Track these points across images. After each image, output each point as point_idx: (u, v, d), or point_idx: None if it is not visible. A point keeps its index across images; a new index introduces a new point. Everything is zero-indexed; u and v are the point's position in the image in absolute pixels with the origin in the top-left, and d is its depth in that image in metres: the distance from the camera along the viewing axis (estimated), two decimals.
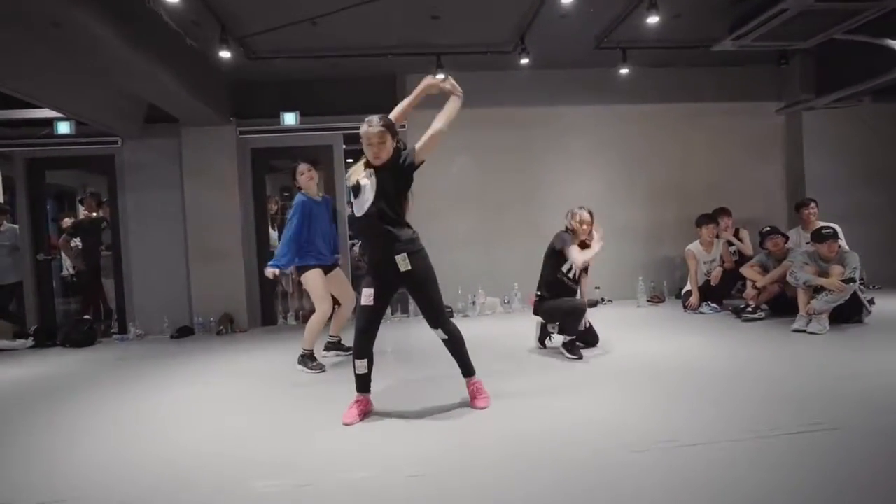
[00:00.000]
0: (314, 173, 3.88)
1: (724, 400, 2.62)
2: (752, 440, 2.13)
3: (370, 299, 2.59)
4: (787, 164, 6.35)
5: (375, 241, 2.60)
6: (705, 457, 2.02)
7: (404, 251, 2.56)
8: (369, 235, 2.64)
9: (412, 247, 2.58)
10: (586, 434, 2.31)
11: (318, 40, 4.79)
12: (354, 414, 2.61)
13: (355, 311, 2.83)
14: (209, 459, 2.28)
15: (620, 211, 6.20)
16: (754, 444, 2.10)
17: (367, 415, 2.66)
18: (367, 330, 2.62)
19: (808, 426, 2.23)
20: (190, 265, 5.68)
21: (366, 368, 2.65)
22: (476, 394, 2.74)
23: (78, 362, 4.59)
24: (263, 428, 2.65)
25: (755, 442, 2.12)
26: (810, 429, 2.20)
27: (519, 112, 5.96)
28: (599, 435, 2.29)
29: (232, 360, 4.35)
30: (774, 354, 3.52)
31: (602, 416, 2.52)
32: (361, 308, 2.62)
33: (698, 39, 5.01)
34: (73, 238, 6.19)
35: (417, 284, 2.63)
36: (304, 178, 3.83)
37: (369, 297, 2.59)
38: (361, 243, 2.72)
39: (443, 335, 2.69)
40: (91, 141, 5.57)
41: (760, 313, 4.57)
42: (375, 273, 2.63)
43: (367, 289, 2.61)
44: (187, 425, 2.77)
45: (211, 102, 5.18)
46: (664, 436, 2.22)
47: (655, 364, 3.38)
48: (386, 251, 2.56)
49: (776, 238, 4.76)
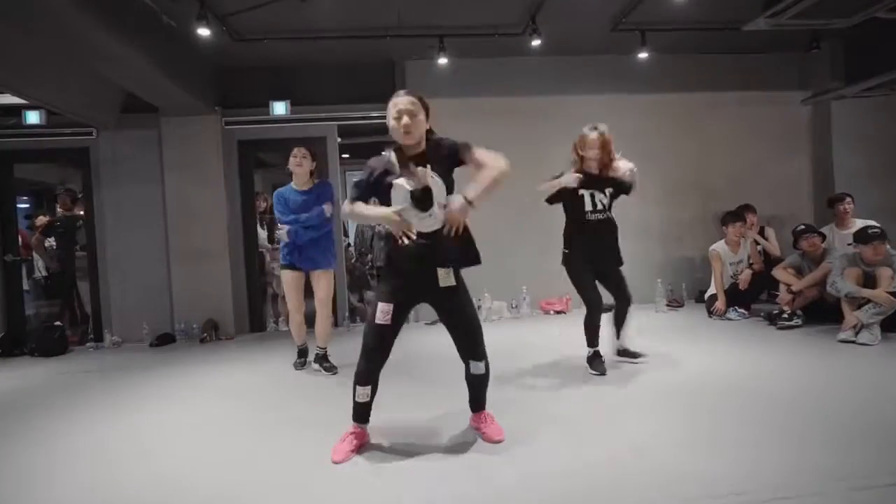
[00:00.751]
0: (303, 160, 3.51)
1: (789, 433, 2.20)
2: (839, 493, 1.71)
3: (387, 317, 2.11)
4: (814, 157, 5.93)
5: (415, 248, 2.07)
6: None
7: (452, 263, 2.12)
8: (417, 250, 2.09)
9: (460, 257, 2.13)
10: (628, 478, 1.89)
11: (309, 20, 4.35)
12: (346, 450, 2.18)
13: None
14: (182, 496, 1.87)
15: (636, 208, 5.70)
16: (842, 500, 1.67)
17: (361, 448, 2.24)
18: (378, 352, 2.16)
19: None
20: (171, 267, 5.23)
21: (368, 396, 2.21)
22: (487, 425, 2.31)
23: (46, 374, 4.15)
24: (245, 460, 2.25)
25: (848, 494, 1.69)
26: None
27: (528, 102, 5.52)
28: (645, 479, 1.87)
29: (215, 372, 3.92)
30: (831, 372, 3.09)
31: (643, 452, 2.10)
32: (374, 326, 2.13)
33: (727, 20, 4.57)
34: (47, 238, 5.75)
35: (459, 305, 2.18)
36: (293, 162, 3.52)
37: (387, 314, 2.10)
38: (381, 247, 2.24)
39: (481, 369, 2.24)
40: (63, 132, 5.11)
41: (797, 320, 4.15)
42: (400, 285, 2.14)
43: (385, 304, 2.12)
44: (161, 453, 2.38)
45: (192, 89, 4.73)
46: (721, 485, 1.79)
47: (692, 383, 2.95)
48: (426, 261, 2.10)
49: (812, 237, 4.34)
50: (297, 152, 3.54)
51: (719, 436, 2.24)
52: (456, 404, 2.52)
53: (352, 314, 5.60)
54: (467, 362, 2.23)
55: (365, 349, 2.17)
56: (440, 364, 3.26)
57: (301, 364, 3.72)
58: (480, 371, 2.24)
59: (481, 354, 2.23)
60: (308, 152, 3.57)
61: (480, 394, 2.32)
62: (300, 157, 3.53)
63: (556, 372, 3.34)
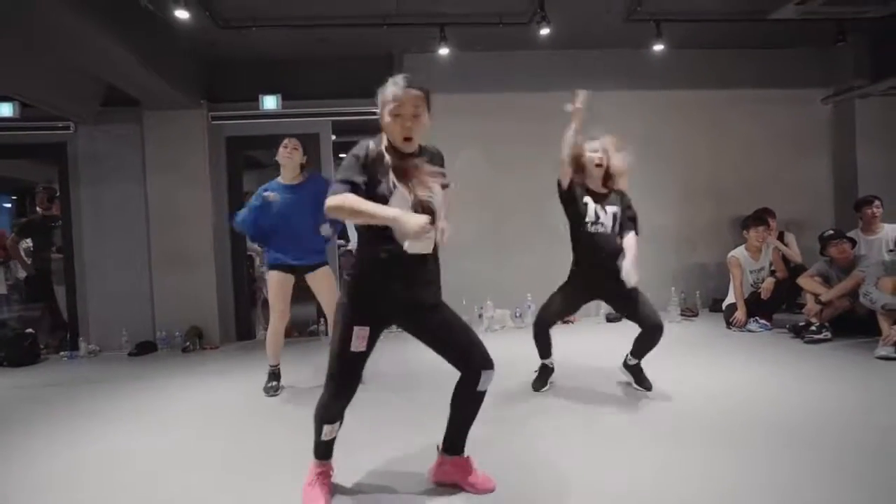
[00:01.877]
0: (293, 150, 3.22)
1: (820, 467, 1.89)
2: None
3: (363, 343, 1.76)
4: (836, 158, 5.62)
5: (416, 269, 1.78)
6: None
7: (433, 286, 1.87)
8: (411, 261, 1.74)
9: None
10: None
11: (301, 6, 4.05)
12: (322, 495, 1.84)
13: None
14: None
15: (648, 212, 5.33)
16: None
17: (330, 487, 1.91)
18: (351, 385, 1.81)
19: None
20: (153, 271, 4.91)
21: (336, 432, 1.88)
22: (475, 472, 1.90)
23: (8, 387, 3.83)
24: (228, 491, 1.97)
25: None
26: None
27: (534, 98, 5.19)
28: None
29: (195, 386, 3.61)
30: (863, 393, 2.77)
31: (656, 489, 1.78)
32: (347, 355, 1.76)
33: (750, 10, 4.26)
34: (24, 239, 5.43)
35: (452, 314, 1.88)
36: (282, 153, 3.23)
37: (363, 339, 1.75)
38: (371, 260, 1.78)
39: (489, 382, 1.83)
40: (39, 126, 4.80)
41: (826, 333, 3.83)
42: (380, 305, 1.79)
43: (361, 327, 1.75)
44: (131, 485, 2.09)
45: (176, 81, 4.42)
46: None
47: (710, 406, 2.64)
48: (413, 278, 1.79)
49: (842, 244, 4.02)
50: (288, 142, 3.25)
51: (743, 471, 1.93)
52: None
53: None
54: (478, 375, 1.81)
55: (335, 382, 1.80)
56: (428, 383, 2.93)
57: (274, 389, 3.27)
58: (487, 386, 1.84)
59: (492, 362, 1.85)
60: (297, 142, 3.28)
61: (470, 424, 1.90)
62: (290, 147, 3.23)
63: (558, 385, 3.02)
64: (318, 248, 3.28)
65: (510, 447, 2.24)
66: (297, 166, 3.25)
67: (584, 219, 2.87)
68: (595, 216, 2.86)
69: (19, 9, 3.01)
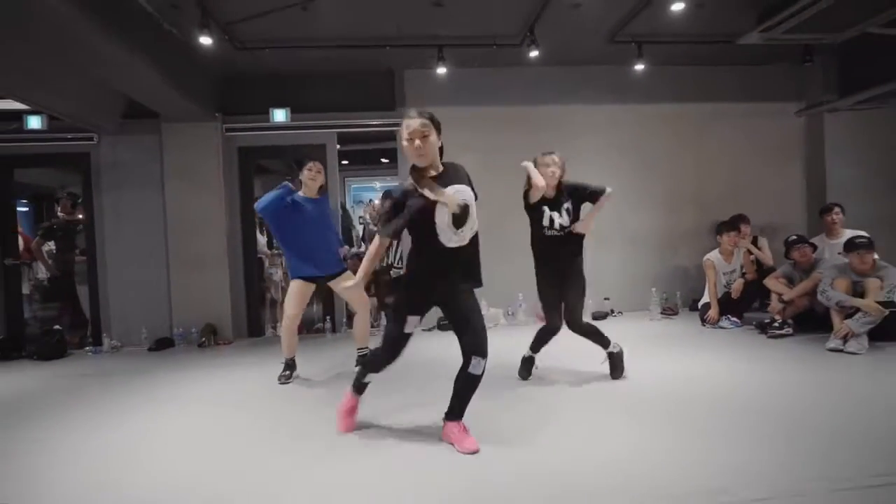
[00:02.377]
0: (317, 174, 3.57)
1: (772, 439, 2.24)
2: (821, 494, 1.76)
3: (412, 328, 2.41)
4: (808, 168, 6.01)
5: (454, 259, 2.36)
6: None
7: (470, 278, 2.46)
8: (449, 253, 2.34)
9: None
10: (617, 480, 1.93)
11: (309, 29, 4.42)
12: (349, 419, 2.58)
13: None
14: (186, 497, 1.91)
15: (633, 217, 5.84)
16: (824, 500, 1.72)
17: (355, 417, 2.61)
18: (396, 352, 2.45)
19: (886, 476, 1.86)
20: (171, 272, 5.27)
21: (371, 380, 2.58)
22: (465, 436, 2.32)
23: (41, 378, 4.17)
24: (238, 466, 2.27)
25: (829, 495, 1.74)
26: (891, 481, 1.83)
27: (526, 111, 5.59)
28: (637, 480, 1.92)
29: (211, 377, 3.95)
30: (817, 379, 3.14)
31: (635, 456, 2.15)
32: (401, 335, 2.39)
33: (722, 33, 4.66)
34: (47, 241, 5.78)
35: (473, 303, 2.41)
36: (307, 175, 3.56)
37: (413, 325, 2.40)
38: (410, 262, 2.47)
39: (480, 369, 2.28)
40: (65, 137, 5.17)
41: (787, 329, 4.21)
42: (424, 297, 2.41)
43: (413, 316, 2.38)
44: (156, 458, 2.40)
45: (194, 96, 4.79)
46: (706, 486, 1.84)
47: (681, 391, 3.00)
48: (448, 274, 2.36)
49: (803, 248, 4.40)
50: (314, 166, 3.58)
51: (708, 440, 2.28)
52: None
53: (349, 319, 5.63)
54: (469, 359, 2.26)
55: (388, 349, 2.44)
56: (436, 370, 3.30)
57: (287, 377, 3.60)
58: (478, 371, 2.26)
59: (485, 352, 2.27)
60: (322, 166, 3.64)
61: (466, 399, 2.34)
62: (315, 171, 3.56)
63: (545, 377, 3.38)
64: (336, 257, 3.67)
65: (498, 423, 2.59)
66: (318, 187, 3.59)
67: (542, 224, 3.24)
68: (550, 221, 3.21)
69: (63, 36, 3.37)
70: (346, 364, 3.88)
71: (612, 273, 5.70)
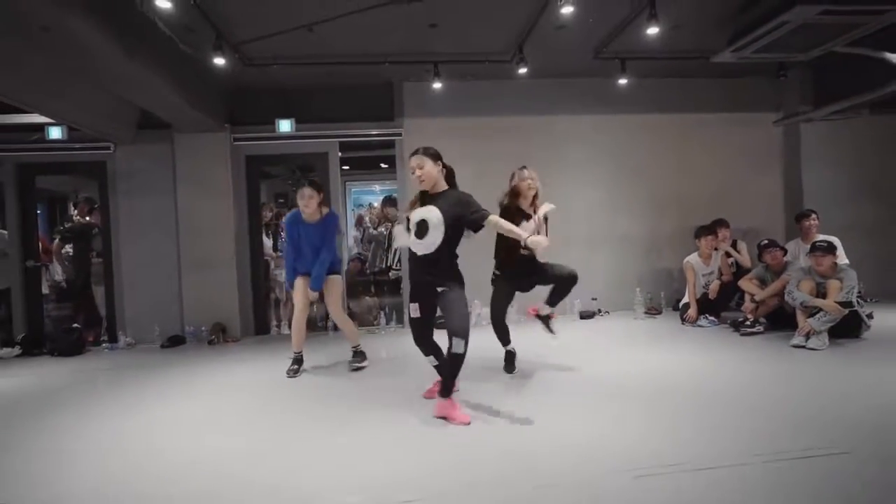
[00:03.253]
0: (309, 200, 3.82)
1: (726, 421, 2.56)
2: (758, 465, 2.08)
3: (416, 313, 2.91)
4: (786, 175, 6.33)
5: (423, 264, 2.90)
6: (710, 481, 1.95)
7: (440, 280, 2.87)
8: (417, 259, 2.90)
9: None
10: (588, 456, 2.25)
11: (314, 47, 4.73)
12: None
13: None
14: (197, 481, 2.20)
15: (619, 221, 6.16)
16: (761, 469, 2.04)
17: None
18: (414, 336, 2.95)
19: (815, 449, 2.17)
20: (182, 273, 5.59)
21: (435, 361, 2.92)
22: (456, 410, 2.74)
23: (63, 373, 4.47)
24: (249, 447, 2.57)
25: (761, 467, 2.06)
26: (817, 453, 2.15)
27: (517, 121, 5.91)
28: (602, 457, 2.23)
29: (221, 371, 4.26)
30: (775, 371, 3.47)
31: (605, 435, 2.46)
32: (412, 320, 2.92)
33: (698, 50, 4.99)
34: (65, 244, 6.09)
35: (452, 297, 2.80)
36: (300, 203, 3.86)
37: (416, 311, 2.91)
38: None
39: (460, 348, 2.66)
40: (83, 146, 5.48)
41: (759, 327, 4.52)
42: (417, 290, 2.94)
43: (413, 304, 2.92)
44: (171, 445, 2.67)
45: (205, 109, 5.11)
46: (668, 459, 2.15)
47: (654, 381, 3.31)
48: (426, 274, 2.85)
49: (774, 251, 4.72)
50: (305, 192, 3.79)
51: (663, 421, 2.61)
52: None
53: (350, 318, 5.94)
54: (451, 340, 2.64)
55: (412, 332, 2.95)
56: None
57: (295, 371, 3.88)
58: (459, 350, 2.63)
59: (461, 333, 2.63)
60: (314, 191, 3.83)
61: (451, 376, 2.72)
62: (307, 198, 3.79)
63: (530, 369, 3.69)
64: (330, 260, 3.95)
65: (491, 405, 2.91)
66: (314, 209, 3.85)
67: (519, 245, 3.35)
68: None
69: (86, 56, 3.68)
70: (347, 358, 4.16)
71: (600, 274, 6.01)
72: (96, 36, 3.29)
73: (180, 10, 3.75)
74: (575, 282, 3.54)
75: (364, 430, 2.68)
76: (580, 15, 4.13)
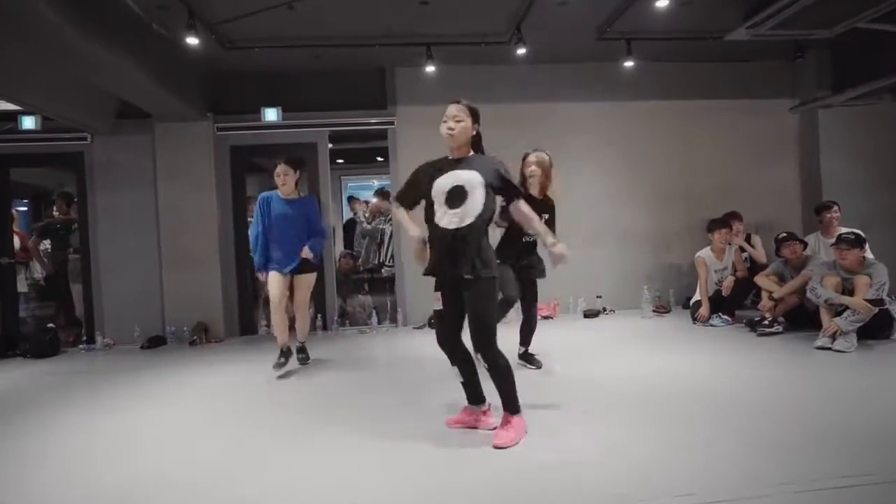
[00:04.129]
0: (284, 177, 3.67)
1: (747, 438, 2.23)
2: (789, 495, 1.75)
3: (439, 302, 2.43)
4: (802, 165, 5.97)
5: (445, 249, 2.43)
6: None
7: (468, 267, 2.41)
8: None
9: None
10: (593, 476, 1.94)
11: (298, 28, 4.42)
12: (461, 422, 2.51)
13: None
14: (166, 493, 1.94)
15: (623, 214, 5.83)
16: (792, 501, 1.72)
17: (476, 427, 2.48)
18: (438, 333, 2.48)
19: (856, 476, 1.85)
20: (163, 270, 5.30)
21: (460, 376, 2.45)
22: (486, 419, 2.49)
23: (36, 374, 4.23)
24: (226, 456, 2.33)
25: (793, 497, 1.74)
26: (860, 481, 1.82)
27: (516, 108, 5.57)
28: (609, 478, 1.92)
29: (203, 374, 4.00)
30: (800, 378, 3.13)
31: (611, 453, 2.14)
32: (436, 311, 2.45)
33: (710, 29, 4.63)
34: (43, 241, 5.83)
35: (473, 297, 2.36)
36: (277, 180, 3.70)
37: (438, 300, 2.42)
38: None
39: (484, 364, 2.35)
40: (58, 137, 5.20)
41: (777, 327, 4.19)
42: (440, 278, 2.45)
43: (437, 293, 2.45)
44: (145, 452, 2.44)
45: (184, 96, 4.82)
46: (676, 487, 1.83)
47: (663, 388, 2.99)
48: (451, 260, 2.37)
49: (794, 245, 4.38)
50: (279, 169, 3.65)
51: (685, 439, 2.28)
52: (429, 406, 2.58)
53: (342, 318, 5.66)
54: (476, 354, 2.31)
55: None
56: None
57: (280, 365, 3.69)
58: (484, 366, 2.29)
59: (479, 347, 2.27)
60: (289, 167, 3.67)
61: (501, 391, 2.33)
62: (282, 174, 3.65)
63: (525, 372, 3.40)
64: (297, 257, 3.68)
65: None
66: (292, 187, 3.68)
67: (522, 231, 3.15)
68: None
69: (53, 40, 3.40)
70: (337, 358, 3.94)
71: (605, 271, 5.70)
72: (51, 12, 2.99)
73: None
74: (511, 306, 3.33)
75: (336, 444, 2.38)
76: None
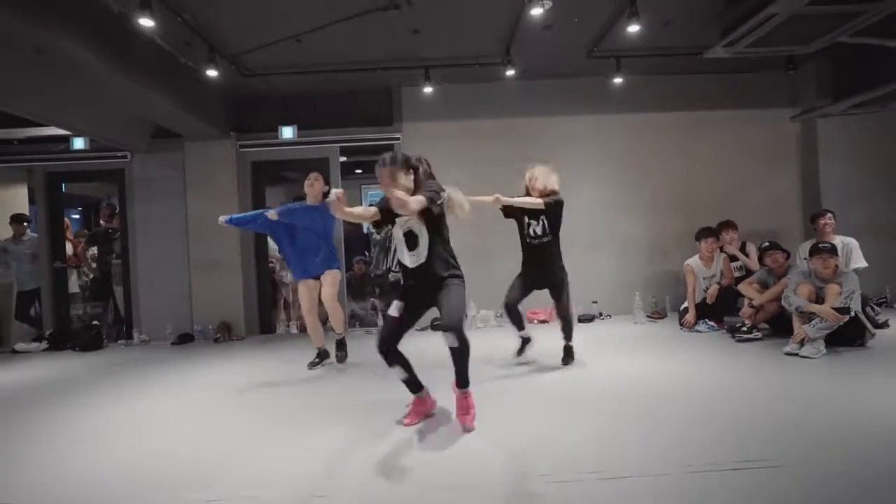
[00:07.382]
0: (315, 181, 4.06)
1: (679, 429, 2.48)
2: (680, 475, 2.01)
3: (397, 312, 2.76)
4: (802, 174, 6.01)
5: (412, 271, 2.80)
6: (625, 492, 1.92)
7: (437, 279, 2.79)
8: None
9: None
10: (516, 460, 2.25)
11: (307, 56, 4.89)
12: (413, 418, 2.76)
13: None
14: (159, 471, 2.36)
15: (622, 223, 6.02)
16: (679, 480, 1.98)
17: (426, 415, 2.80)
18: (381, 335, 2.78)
19: (748, 462, 2.08)
20: (191, 274, 5.88)
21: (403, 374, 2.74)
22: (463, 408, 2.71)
23: (80, 366, 4.82)
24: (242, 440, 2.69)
25: (682, 478, 2.00)
26: (749, 465, 2.05)
27: (513, 122, 5.88)
28: (530, 462, 2.22)
29: (225, 368, 4.46)
30: (759, 380, 3.31)
31: (541, 441, 2.44)
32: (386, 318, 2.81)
33: (691, 46, 4.82)
34: (91, 247, 6.52)
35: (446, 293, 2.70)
36: (306, 184, 4.07)
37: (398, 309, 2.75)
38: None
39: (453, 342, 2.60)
40: (103, 155, 5.87)
41: (757, 333, 4.32)
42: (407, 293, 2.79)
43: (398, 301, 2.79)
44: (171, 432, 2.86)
45: (209, 119, 5.36)
46: (589, 466, 2.12)
47: (629, 387, 3.22)
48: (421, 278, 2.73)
49: (775, 254, 4.49)
50: (311, 175, 4.09)
51: (613, 427, 2.56)
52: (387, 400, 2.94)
53: (351, 320, 6.08)
54: (444, 334, 2.58)
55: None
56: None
57: (315, 364, 4.06)
58: (453, 344, 2.57)
59: (452, 327, 2.56)
60: (319, 174, 4.13)
61: (457, 369, 2.64)
62: (313, 179, 4.07)
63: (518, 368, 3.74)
64: (327, 258, 4.08)
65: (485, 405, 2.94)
66: (318, 193, 4.03)
67: (524, 231, 3.76)
68: (528, 228, 3.71)
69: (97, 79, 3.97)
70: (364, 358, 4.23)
71: (602, 277, 5.90)
72: (86, 54, 3.53)
73: (175, 26, 3.97)
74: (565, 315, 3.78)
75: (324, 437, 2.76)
76: (564, 15, 4.09)
